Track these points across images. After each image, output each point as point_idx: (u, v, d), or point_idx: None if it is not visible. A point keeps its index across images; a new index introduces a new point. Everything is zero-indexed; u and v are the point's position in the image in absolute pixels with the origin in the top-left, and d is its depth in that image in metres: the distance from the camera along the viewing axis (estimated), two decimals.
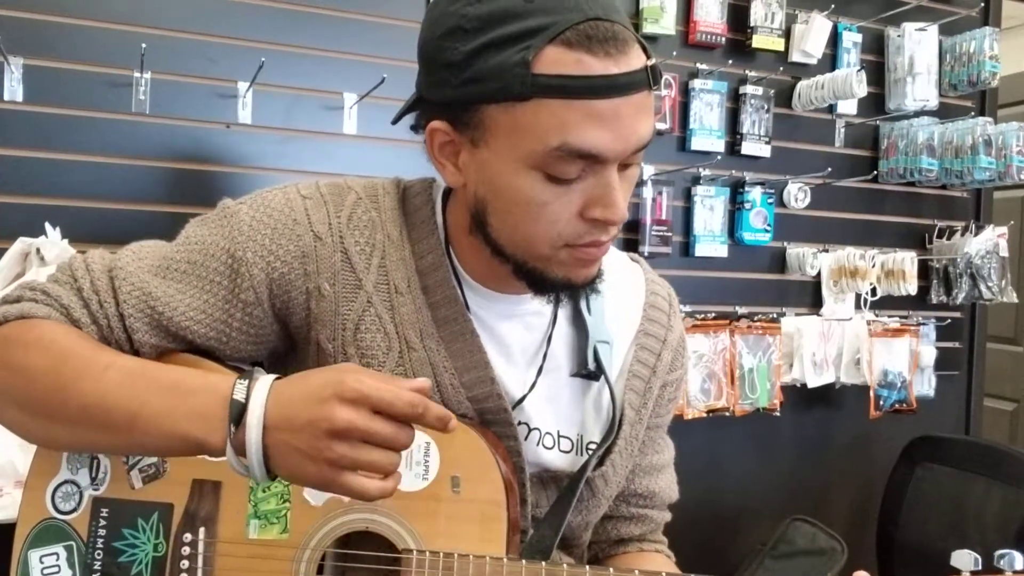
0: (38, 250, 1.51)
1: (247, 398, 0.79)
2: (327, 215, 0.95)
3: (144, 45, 1.63)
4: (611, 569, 0.90)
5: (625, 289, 1.09)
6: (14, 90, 1.60)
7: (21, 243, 1.52)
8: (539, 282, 0.91)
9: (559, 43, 0.78)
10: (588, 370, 1.01)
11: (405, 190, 1.02)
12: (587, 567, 0.90)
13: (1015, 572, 0.87)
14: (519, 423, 0.99)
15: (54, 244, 1.53)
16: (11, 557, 0.92)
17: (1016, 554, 0.88)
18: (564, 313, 1.04)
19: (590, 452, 1.03)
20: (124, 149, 1.69)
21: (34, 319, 0.89)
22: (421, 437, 0.92)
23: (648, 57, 0.82)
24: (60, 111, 1.64)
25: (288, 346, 1.00)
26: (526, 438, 1.00)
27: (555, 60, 0.78)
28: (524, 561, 0.89)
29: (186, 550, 0.91)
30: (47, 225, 1.56)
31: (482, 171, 0.87)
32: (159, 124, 1.71)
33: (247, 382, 0.80)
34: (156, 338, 0.92)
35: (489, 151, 0.85)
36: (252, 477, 0.79)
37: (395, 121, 1.00)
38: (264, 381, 0.80)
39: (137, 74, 1.68)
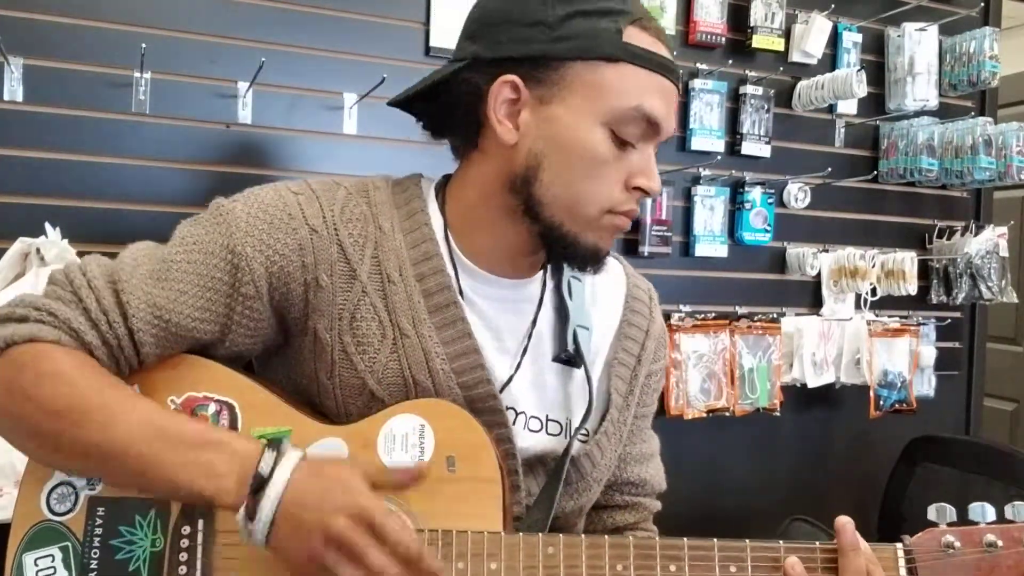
0: (38, 250, 1.51)
1: (271, 473, 0.82)
2: (320, 209, 0.97)
3: (144, 45, 1.63)
4: (606, 537, 0.92)
5: (606, 281, 1.15)
6: (14, 90, 1.60)
7: (21, 243, 1.52)
8: (566, 248, 0.97)
9: (638, 26, 0.94)
10: (568, 353, 1.05)
11: (394, 185, 1.06)
12: (582, 536, 0.92)
13: (988, 523, 0.91)
14: (507, 407, 1.01)
15: (54, 244, 1.53)
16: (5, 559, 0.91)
17: (988, 506, 0.92)
18: (549, 299, 1.07)
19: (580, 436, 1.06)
20: (124, 149, 1.69)
21: (44, 343, 0.88)
22: (415, 419, 0.94)
23: None
24: (60, 111, 1.64)
25: (282, 340, 1.01)
26: (515, 423, 1.02)
27: (637, 37, 0.93)
28: (521, 534, 0.91)
29: (184, 543, 0.92)
30: (47, 225, 1.56)
31: (547, 127, 0.94)
32: (159, 124, 1.71)
33: (275, 455, 0.84)
34: (162, 347, 0.94)
35: (563, 107, 0.94)
36: (251, 541, 0.83)
37: (391, 103, 1.06)
38: (289, 460, 0.84)
39: (137, 74, 1.68)
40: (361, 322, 0.97)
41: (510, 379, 1.03)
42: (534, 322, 1.05)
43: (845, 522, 0.93)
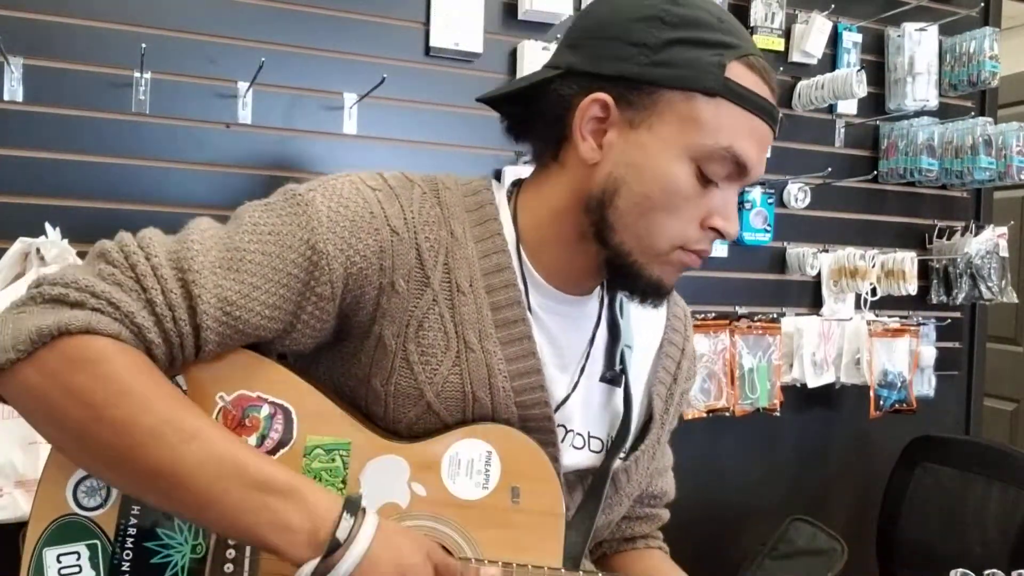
0: (38, 250, 1.51)
1: (347, 540, 0.78)
2: (401, 209, 0.92)
3: (144, 45, 1.63)
4: None
5: None
6: (14, 90, 1.60)
7: (21, 243, 1.52)
8: (629, 278, 0.94)
9: (744, 63, 0.88)
10: (613, 372, 1.03)
11: (464, 187, 1.00)
12: None
13: None
14: (558, 425, 0.99)
15: (54, 244, 1.53)
16: (18, 557, 0.86)
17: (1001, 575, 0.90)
18: (605, 317, 1.05)
19: (621, 453, 1.05)
20: (124, 149, 1.69)
21: (101, 338, 0.79)
22: (483, 446, 0.92)
23: None
24: (60, 111, 1.64)
25: (335, 339, 0.96)
26: (564, 440, 1.00)
27: (740, 74, 0.88)
28: (582, 572, 0.89)
29: (231, 553, 0.86)
30: (47, 225, 1.56)
31: (632, 152, 0.90)
32: (159, 124, 1.71)
33: (352, 522, 0.79)
34: (224, 344, 0.86)
35: (651, 134, 0.89)
36: None
37: (480, 99, 1.03)
38: (367, 531, 0.80)
39: (137, 74, 1.68)
40: (428, 331, 0.93)
41: (566, 398, 1.00)
42: (592, 340, 1.03)
43: None
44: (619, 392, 1.05)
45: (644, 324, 1.10)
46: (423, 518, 0.90)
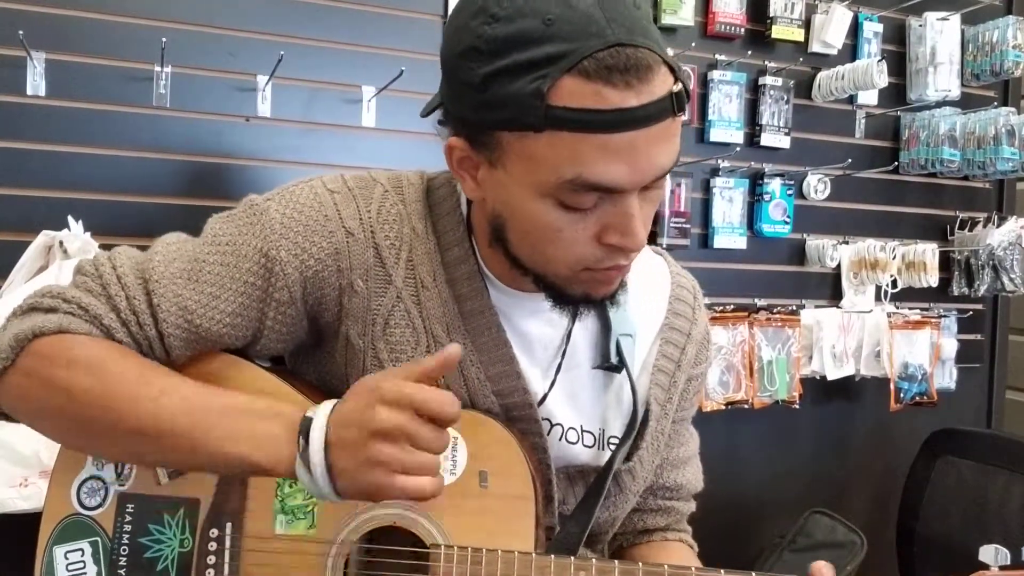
0: (61, 243, 1.53)
1: (311, 419, 0.80)
2: (357, 210, 0.94)
3: (164, 39, 1.64)
4: (640, 564, 0.89)
5: (649, 282, 1.08)
6: (37, 84, 1.62)
7: (44, 236, 1.53)
8: (559, 296, 0.91)
9: (576, 73, 0.74)
10: (610, 363, 1.01)
11: (429, 182, 1.01)
12: (615, 562, 0.89)
13: None
14: (542, 419, 0.99)
15: (76, 237, 1.54)
16: (36, 549, 0.92)
17: None
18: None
19: (612, 447, 1.02)
20: (145, 143, 1.70)
21: (73, 335, 0.86)
22: (448, 433, 0.92)
23: (676, 80, 0.78)
24: (82, 105, 1.66)
25: (315, 340, 0.99)
26: (549, 433, 1.00)
27: (572, 92, 0.75)
28: (553, 556, 0.88)
29: (212, 545, 0.91)
30: (69, 218, 1.57)
31: (499, 191, 0.85)
32: (179, 118, 1.72)
33: (315, 408, 0.81)
34: (192, 349, 0.92)
35: (506, 174, 0.82)
36: (323, 497, 0.80)
37: (424, 114, 0.97)
38: (327, 404, 0.81)
39: (157, 68, 1.69)
40: (395, 328, 0.94)
41: (545, 396, 0.99)
42: (568, 335, 1.01)
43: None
44: (615, 383, 1.03)
45: (643, 311, 1.06)
46: (392, 506, 0.91)
